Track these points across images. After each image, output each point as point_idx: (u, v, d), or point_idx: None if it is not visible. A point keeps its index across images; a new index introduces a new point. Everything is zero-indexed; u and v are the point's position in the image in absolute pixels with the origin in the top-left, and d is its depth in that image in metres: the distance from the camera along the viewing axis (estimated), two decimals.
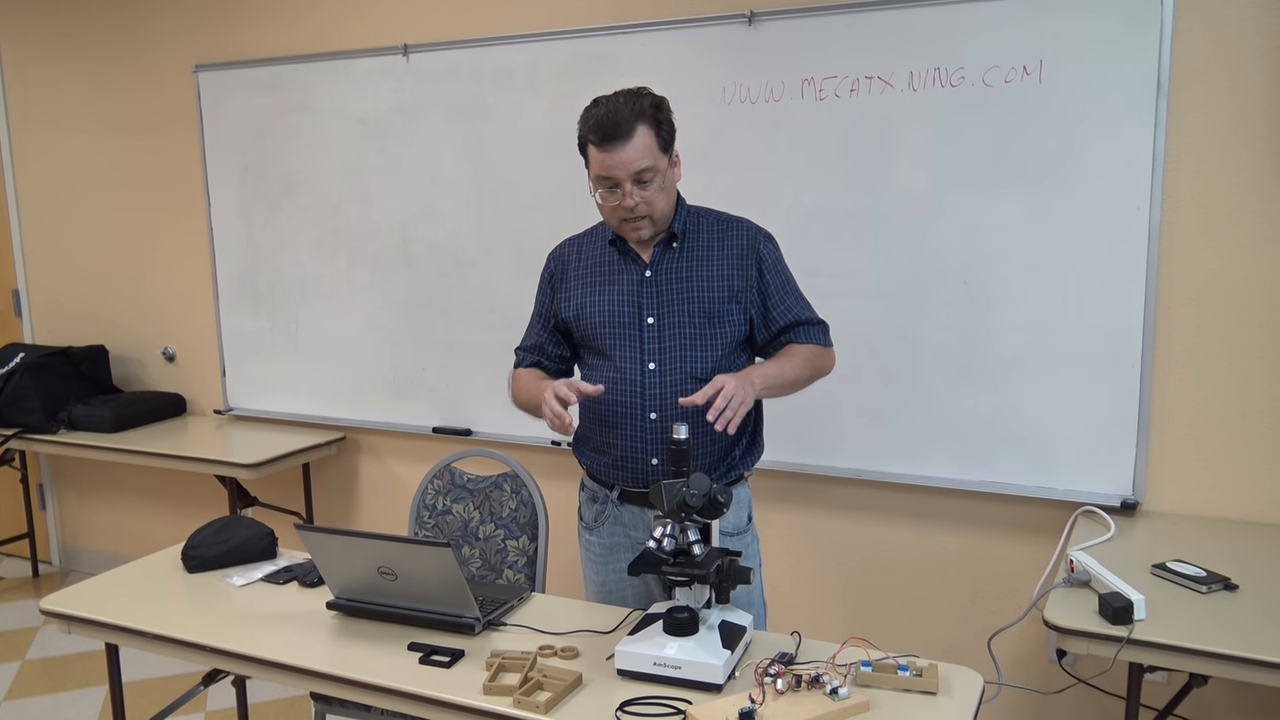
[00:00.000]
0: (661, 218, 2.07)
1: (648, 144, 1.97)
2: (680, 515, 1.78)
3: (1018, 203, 2.71)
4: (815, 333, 2.16)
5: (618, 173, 1.98)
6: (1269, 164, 2.50)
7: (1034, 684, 2.92)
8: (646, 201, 2.01)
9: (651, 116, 1.99)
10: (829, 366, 2.20)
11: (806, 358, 2.12)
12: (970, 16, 2.69)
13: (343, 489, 4.02)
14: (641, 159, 1.97)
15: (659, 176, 2.01)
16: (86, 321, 4.49)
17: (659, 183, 2.01)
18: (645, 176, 1.99)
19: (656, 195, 2.02)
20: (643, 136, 1.97)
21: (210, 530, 2.43)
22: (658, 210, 2.04)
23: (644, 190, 2.00)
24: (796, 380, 2.10)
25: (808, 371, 2.12)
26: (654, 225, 2.07)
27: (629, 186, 1.99)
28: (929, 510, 2.99)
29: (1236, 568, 2.23)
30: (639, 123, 1.96)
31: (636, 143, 1.96)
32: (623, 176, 1.99)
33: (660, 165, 2.01)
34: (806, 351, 2.13)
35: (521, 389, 2.23)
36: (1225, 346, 2.59)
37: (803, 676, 1.70)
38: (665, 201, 2.06)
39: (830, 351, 2.21)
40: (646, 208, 2.02)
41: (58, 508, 4.77)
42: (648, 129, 1.97)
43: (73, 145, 4.37)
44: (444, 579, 1.95)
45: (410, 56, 3.49)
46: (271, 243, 3.91)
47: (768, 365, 2.08)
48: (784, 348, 2.15)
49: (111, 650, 2.28)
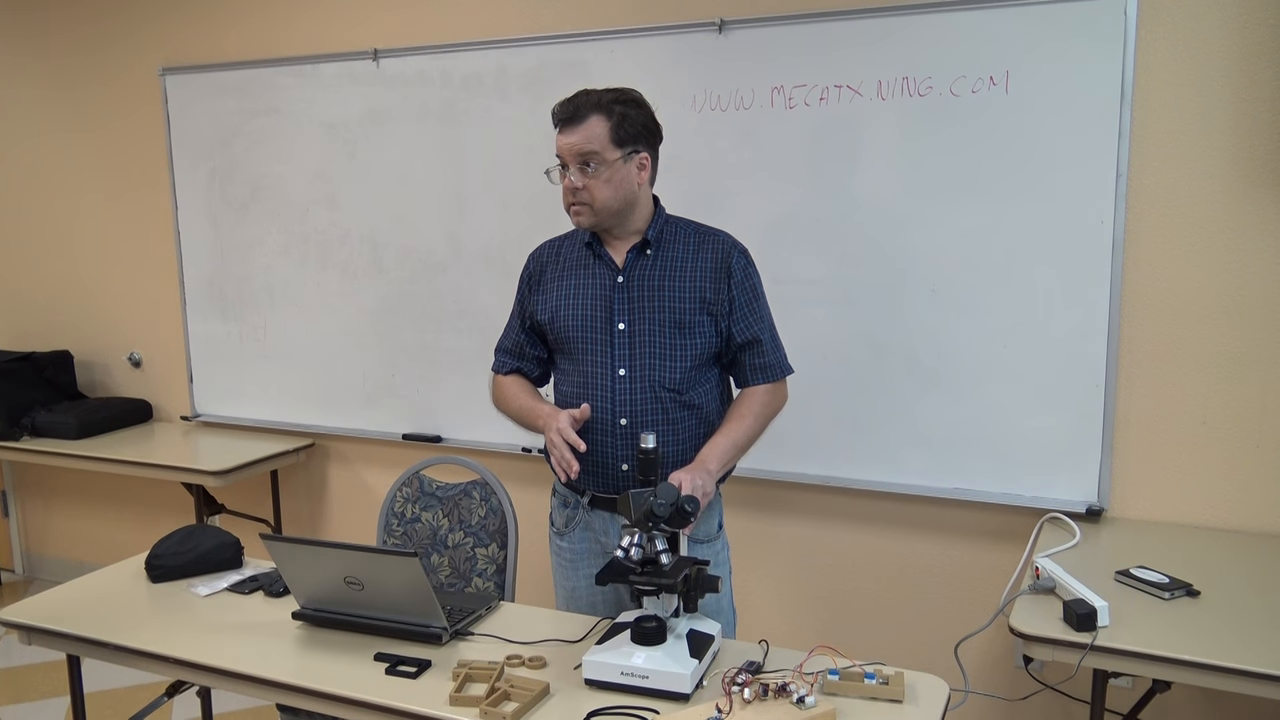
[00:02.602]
0: (602, 209, 2.07)
1: (597, 132, 2.03)
2: (648, 524, 1.78)
3: (985, 211, 2.73)
4: (765, 368, 2.17)
5: (565, 154, 2.05)
6: (1232, 174, 2.53)
7: (1000, 690, 2.94)
8: (586, 188, 2.05)
9: (609, 108, 2.04)
10: (781, 404, 2.22)
11: (757, 413, 2.15)
12: (938, 27, 2.71)
13: (311, 496, 3.99)
14: (587, 143, 2.02)
15: (605, 167, 2.04)
16: (50, 326, 4.43)
17: (604, 174, 2.04)
18: (589, 160, 2.03)
19: (600, 186, 2.05)
20: (595, 124, 2.03)
21: (175, 539, 2.40)
22: (598, 199, 2.06)
23: (585, 176, 2.04)
24: (750, 440, 2.14)
25: (759, 426, 2.16)
26: (594, 215, 2.08)
27: (573, 168, 2.04)
28: (897, 517, 3.01)
29: (1198, 574, 2.25)
30: (593, 111, 2.03)
31: (586, 128, 2.02)
32: (568, 158, 2.05)
33: (609, 156, 2.03)
34: (756, 405, 2.15)
35: (510, 401, 2.25)
36: (1188, 354, 2.63)
37: (770, 685, 1.71)
38: (610, 195, 2.06)
39: (782, 388, 2.21)
40: (586, 195, 2.05)
41: (21, 515, 4.70)
42: (602, 118, 2.03)
43: (37, 147, 4.30)
44: (411, 589, 1.94)
45: (380, 61, 3.48)
46: (239, 247, 3.87)
47: (719, 440, 2.08)
48: (734, 403, 2.18)
49: (73, 661, 2.25)
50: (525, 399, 2.21)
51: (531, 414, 2.17)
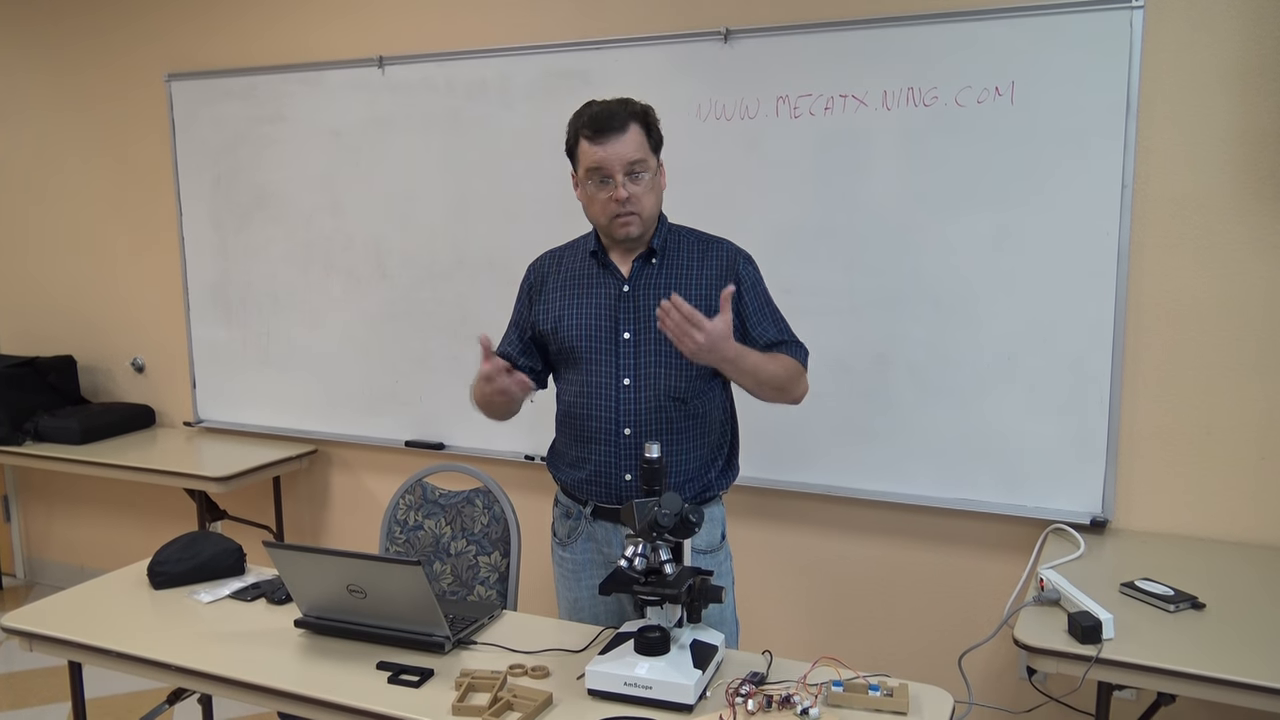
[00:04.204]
0: (649, 218, 2.08)
1: (640, 140, 2.03)
2: (652, 534, 1.78)
3: (989, 221, 2.73)
4: (794, 352, 2.15)
5: (611, 164, 2.01)
6: (1237, 185, 2.53)
7: (1004, 703, 2.93)
8: (636, 197, 2.03)
9: (643, 118, 2.05)
10: (802, 390, 2.17)
11: (787, 365, 2.10)
12: (943, 37, 2.71)
13: (314, 503, 3.99)
14: (635, 151, 2.02)
15: (649, 174, 2.05)
16: (54, 331, 4.43)
17: (649, 181, 2.05)
18: (637, 169, 2.02)
19: (646, 194, 2.05)
20: (636, 133, 2.03)
21: (177, 546, 2.40)
22: (646, 209, 2.06)
23: (635, 184, 2.03)
24: (772, 376, 2.05)
25: (784, 377, 2.08)
26: (642, 224, 2.07)
27: (621, 179, 2.02)
28: (901, 527, 3.00)
29: (1203, 586, 2.25)
30: (632, 120, 2.03)
31: (630, 136, 2.02)
32: (616, 168, 2.01)
33: (651, 163, 2.05)
34: (789, 361, 2.11)
35: (476, 392, 2.19)
36: (1193, 365, 2.62)
37: (774, 697, 1.70)
38: (653, 202, 2.08)
39: (805, 375, 2.20)
40: (637, 204, 2.04)
41: (23, 520, 4.69)
42: (639, 127, 2.04)
43: (42, 153, 4.31)
44: (414, 597, 1.93)
45: (385, 68, 3.48)
46: (244, 253, 3.87)
47: (751, 351, 2.04)
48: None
49: (75, 667, 2.24)
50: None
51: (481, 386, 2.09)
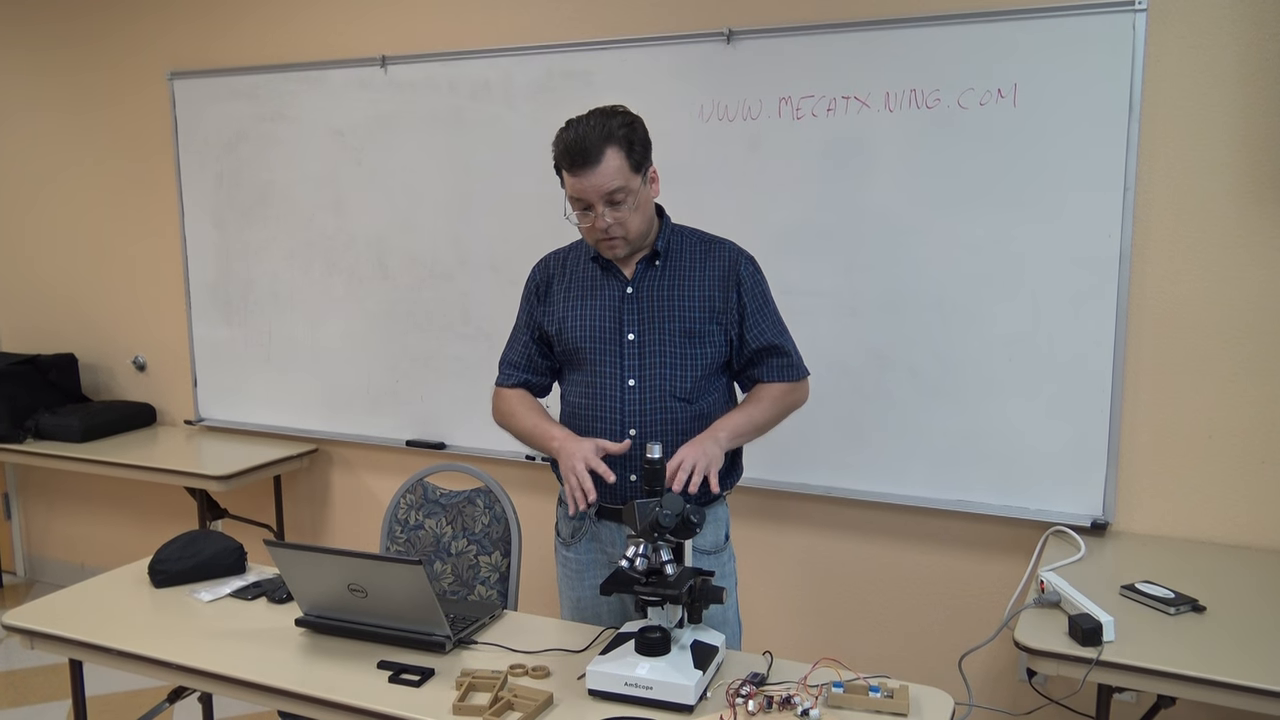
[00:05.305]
0: (638, 236, 2.07)
1: (617, 166, 1.97)
2: (653, 535, 1.78)
3: (991, 223, 2.73)
4: (785, 368, 2.16)
5: (589, 195, 1.99)
6: (1239, 188, 2.53)
7: (1004, 704, 2.93)
8: (620, 222, 2.02)
9: (621, 138, 1.98)
10: (801, 400, 2.22)
11: (775, 398, 2.14)
12: (945, 39, 2.72)
13: (314, 502, 3.99)
14: (611, 181, 1.97)
15: (631, 196, 2.01)
16: (55, 329, 4.44)
17: (632, 202, 2.01)
18: (617, 198, 1.99)
19: (630, 215, 2.02)
20: (612, 159, 1.96)
21: (178, 544, 2.40)
22: (632, 230, 2.04)
23: (616, 211, 2.01)
24: (767, 423, 2.13)
25: (777, 412, 2.15)
26: (629, 244, 2.07)
27: (601, 208, 2.00)
28: (902, 529, 3.00)
29: (1204, 589, 2.25)
30: (607, 145, 1.96)
31: (605, 166, 1.96)
32: (594, 199, 1.99)
33: (632, 185, 2.00)
34: (775, 392, 2.15)
35: (519, 419, 2.21)
36: (1194, 368, 2.62)
37: (774, 698, 1.70)
38: (640, 220, 2.05)
39: (802, 386, 2.21)
40: (620, 229, 2.03)
41: (24, 518, 4.69)
42: (617, 150, 1.97)
43: (45, 150, 4.32)
44: (415, 597, 1.94)
45: (388, 68, 3.48)
46: (245, 252, 3.88)
47: (735, 415, 2.10)
48: (753, 389, 2.18)
49: (75, 665, 2.24)
50: (534, 417, 2.18)
51: (544, 435, 2.12)
